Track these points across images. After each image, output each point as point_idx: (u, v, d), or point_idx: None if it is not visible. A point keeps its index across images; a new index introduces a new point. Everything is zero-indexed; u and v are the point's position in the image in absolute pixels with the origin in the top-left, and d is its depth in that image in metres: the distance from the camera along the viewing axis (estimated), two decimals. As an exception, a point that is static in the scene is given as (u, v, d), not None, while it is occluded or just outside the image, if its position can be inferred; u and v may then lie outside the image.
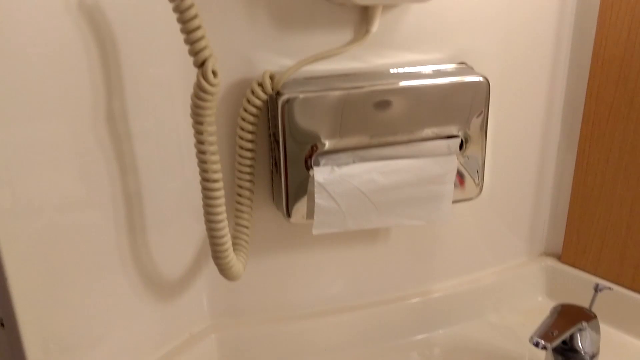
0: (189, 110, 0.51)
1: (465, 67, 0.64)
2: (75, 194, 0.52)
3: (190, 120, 0.51)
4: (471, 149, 0.63)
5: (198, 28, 0.46)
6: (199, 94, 0.48)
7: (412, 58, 0.64)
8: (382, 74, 0.62)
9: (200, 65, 0.47)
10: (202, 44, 0.47)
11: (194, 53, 0.47)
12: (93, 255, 0.55)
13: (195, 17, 0.46)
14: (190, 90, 0.50)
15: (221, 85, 0.51)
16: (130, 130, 0.55)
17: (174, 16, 0.46)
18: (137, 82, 0.54)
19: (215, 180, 0.51)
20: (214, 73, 0.48)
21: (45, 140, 0.49)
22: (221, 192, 0.52)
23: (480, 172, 0.65)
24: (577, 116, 0.73)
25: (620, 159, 0.70)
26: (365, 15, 0.59)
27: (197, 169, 0.52)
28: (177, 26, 0.47)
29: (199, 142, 0.50)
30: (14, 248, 0.48)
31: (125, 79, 0.53)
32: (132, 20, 0.52)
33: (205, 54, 0.47)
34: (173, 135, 0.58)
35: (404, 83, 0.59)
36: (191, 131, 0.51)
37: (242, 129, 0.58)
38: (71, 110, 0.50)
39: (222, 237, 0.53)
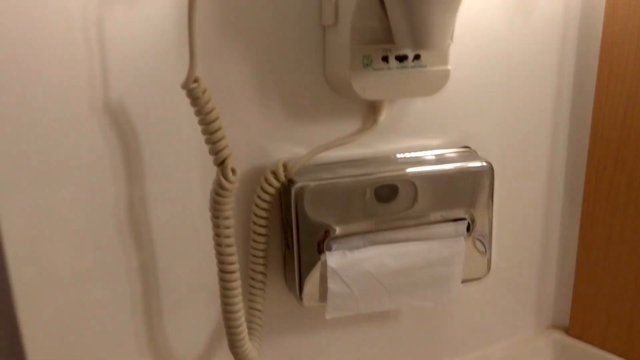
0: (205, 200, 0.54)
1: (469, 151, 0.67)
2: (94, 275, 0.54)
3: (207, 210, 0.53)
4: (478, 231, 0.65)
5: (219, 129, 0.49)
6: (218, 191, 0.50)
7: (418, 143, 0.66)
8: (389, 159, 0.64)
9: (220, 163, 0.50)
10: (222, 144, 0.49)
11: (214, 152, 0.50)
12: (110, 335, 0.56)
13: (216, 119, 0.49)
14: (207, 180, 0.52)
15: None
16: (149, 218, 0.57)
17: (193, 112, 0.49)
18: (157, 173, 0.56)
19: (232, 272, 0.53)
20: (233, 171, 0.50)
21: (67, 228, 0.51)
22: (237, 283, 0.54)
23: (488, 251, 0.66)
24: (578, 194, 0.75)
25: (623, 235, 0.72)
26: (372, 107, 0.62)
27: (213, 252, 0.54)
28: (197, 121, 0.50)
29: (217, 235, 0.52)
30: (35, 323, 0.49)
31: (145, 171, 0.56)
32: (153, 117, 0.54)
33: (225, 153, 0.49)
34: (189, 222, 0.60)
35: (410, 170, 0.62)
36: (208, 219, 0.54)
37: (256, 215, 0.60)
38: (92, 200, 0.53)
39: (239, 326, 0.54)
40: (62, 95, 0.50)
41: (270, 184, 0.59)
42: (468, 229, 0.64)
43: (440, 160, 0.65)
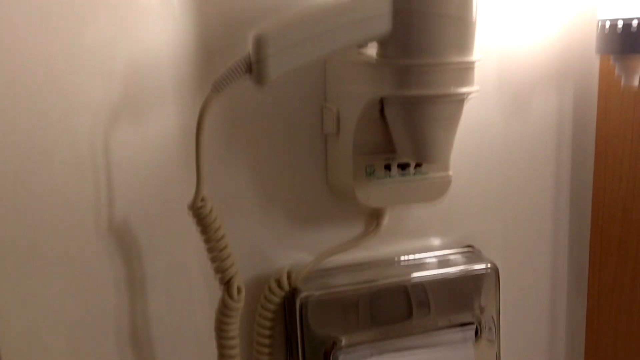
0: (210, 319, 0.52)
1: (473, 251, 0.67)
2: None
3: (211, 328, 0.52)
4: (486, 334, 0.64)
5: (224, 248, 0.48)
6: (224, 311, 0.49)
7: (421, 244, 0.66)
8: (392, 263, 0.64)
9: (226, 282, 0.49)
10: (227, 262, 0.49)
11: (220, 271, 0.49)
12: None
13: (222, 238, 0.48)
14: (212, 298, 0.51)
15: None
16: (151, 335, 0.56)
17: (199, 231, 0.49)
18: (160, 290, 0.55)
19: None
20: (239, 289, 0.49)
21: (67, 344, 0.49)
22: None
23: (497, 353, 0.65)
24: (583, 289, 0.74)
25: (630, 328, 0.71)
26: (375, 211, 0.62)
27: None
28: (202, 239, 0.49)
29: (221, 355, 0.51)
30: None
31: (148, 288, 0.54)
32: (158, 236, 0.54)
33: (231, 272, 0.49)
34: (193, 341, 0.58)
35: (415, 274, 0.61)
36: (212, 337, 0.52)
37: (260, 325, 0.59)
38: (94, 317, 0.51)
39: None
40: (67, 217, 0.50)
41: (274, 294, 0.58)
42: (476, 333, 0.63)
43: (444, 263, 0.64)
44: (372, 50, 0.50)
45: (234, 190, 0.58)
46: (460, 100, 0.50)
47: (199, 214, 0.47)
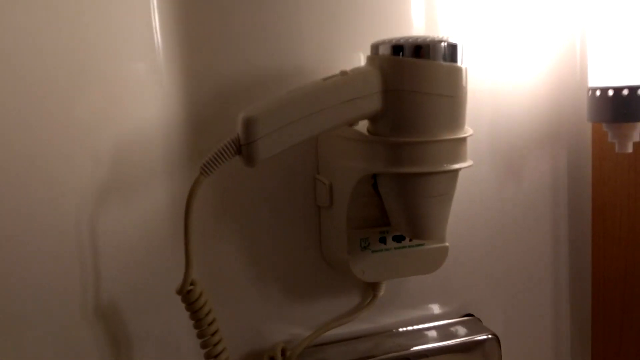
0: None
1: (472, 320, 0.65)
2: None
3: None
4: (489, 408, 0.61)
5: (215, 332, 0.47)
6: (216, 398, 0.47)
7: (420, 314, 0.65)
8: (391, 335, 0.62)
9: (217, 368, 0.47)
10: (218, 348, 0.47)
11: (212, 357, 0.47)
12: None
13: (212, 322, 0.47)
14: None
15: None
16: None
17: (188, 316, 0.47)
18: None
19: None
20: (231, 376, 0.47)
21: None
22: None
23: None
24: (586, 353, 0.72)
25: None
26: (370, 282, 0.61)
27: None
28: (192, 324, 0.48)
29: None
30: None
31: (137, 370, 0.53)
32: (146, 319, 0.52)
33: (222, 357, 0.47)
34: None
35: (415, 347, 0.60)
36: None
37: (254, 405, 0.56)
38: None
39: None
40: (53, 300, 0.48)
41: (268, 373, 0.56)
42: (479, 408, 0.61)
43: (444, 333, 0.62)
44: (363, 126, 0.50)
45: (225, 262, 0.56)
46: (453, 175, 0.49)
47: (187, 298, 0.46)
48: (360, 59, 0.57)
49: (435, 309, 0.65)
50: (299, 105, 0.45)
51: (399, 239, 0.56)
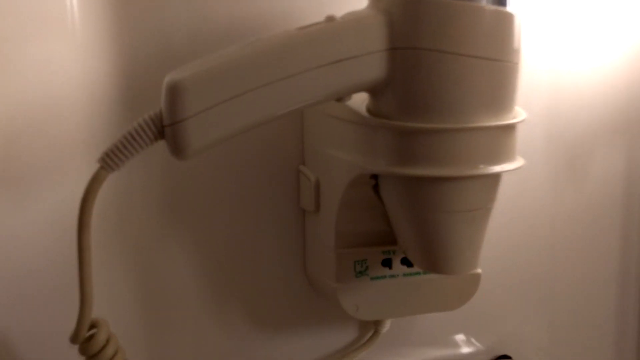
0: None
1: (508, 365, 0.49)
2: None
3: None
4: None
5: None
6: None
7: (439, 355, 0.49)
8: (398, 383, 0.47)
9: None
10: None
11: None
12: None
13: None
14: None
15: None
16: None
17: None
18: None
19: None
20: None
21: None
22: None
23: None
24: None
25: None
26: (372, 314, 0.45)
27: None
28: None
29: None
30: None
31: None
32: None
33: None
34: None
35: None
36: None
37: None
38: None
39: None
40: None
41: None
42: None
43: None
44: (360, 101, 0.34)
45: (172, 283, 0.42)
46: (494, 181, 0.33)
47: (87, 349, 0.31)
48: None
49: (461, 348, 0.50)
50: (258, 67, 0.29)
51: (409, 261, 0.40)
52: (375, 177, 0.35)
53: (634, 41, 0.49)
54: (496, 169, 0.31)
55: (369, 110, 0.33)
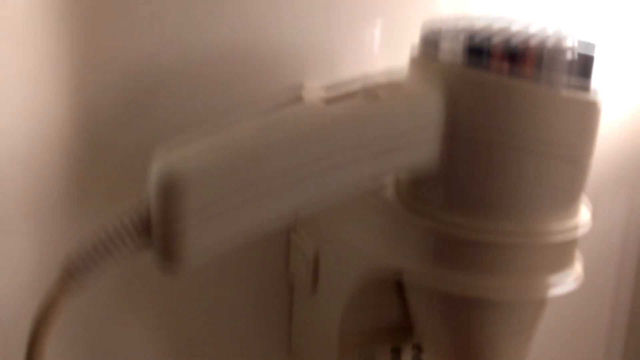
0: None
1: None
2: None
3: None
4: None
5: None
6: None
7: None
8: None
9: None
10: None
11: None
12: None
13: None
14: None
15: None
16: None
17: None
18: None
19: None
20: None
21: None
22: None
23: None
24: None
25: None
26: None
27: None
28: None
29: None
30: None
31: None
32: None
33: None
34: None
35: None
36: None
37: None
38: None
39: None
40: None
41: None
42: None
43: None
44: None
45: None
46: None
47: None
48: (374, 39, 0.34)
49: None
50: (283, 155, 0.22)
51: (421, 348, 0.34)
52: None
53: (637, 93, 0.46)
54: (559, 288, 0.25)
55: (400, 196, 0.27)
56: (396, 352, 0.34)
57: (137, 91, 0.32)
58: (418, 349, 0.34)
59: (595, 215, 0.47)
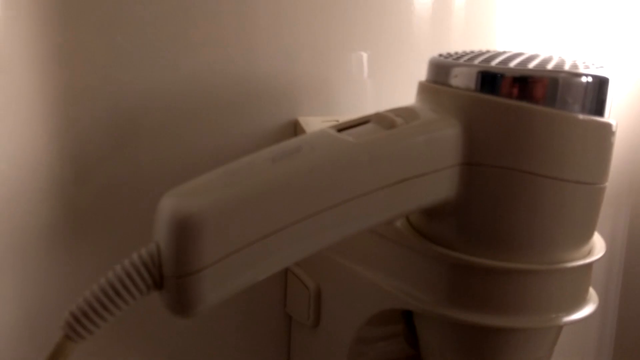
0: None
1: None
2: None
3: None
4: None
5: None
6: None
7: None
8: None
9: None
10: None
11: None
12: None
13: None
14: None
15: None
16: None
17: None
18: None
19: None
20: None
21: None
22: None
23: None
24: None
25: None
26: None
27: None
28: None
29: None
30: None
31: None
32: None
33: None
34: None
35: None
36: None
37: None
38: None
39: None
40: None
41: None
42: None
43: None
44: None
45: None
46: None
47: None
48: (363, 62, 0.34)
49: None
50: (300, 192, 0.21)
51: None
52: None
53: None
54: (575, 316, 0.25)
55: (412, 224, 0.26)
56: (404, 384, 0.32)
57: (123, 123, 0.30)
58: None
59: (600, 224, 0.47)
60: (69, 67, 0.28)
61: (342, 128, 0.23)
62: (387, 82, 0.36)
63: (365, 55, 0.35)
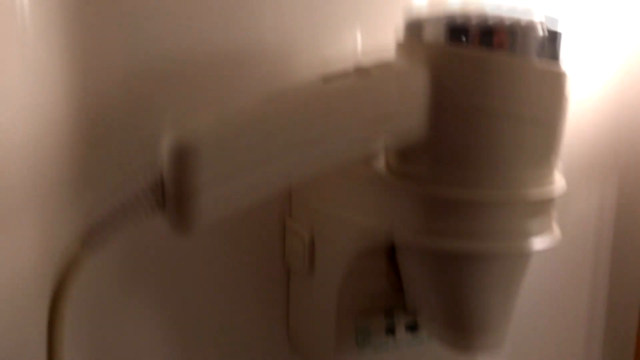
0: None
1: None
2: None
3: None
4: None
5: None
6: None
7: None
8: None
9: None
10: None
11: None
12: None
13: None
14: None
15: None
16: None
17: None
18: None
19: None
20: None
21: None
22: None
23: None
24: None
25: None
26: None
27: None
28: None
29: None
30: None
31: None
32: None
33: None
34: None
35: None
36: None
37: None
38: None
39: None
40: None
41: None
42: None
43: None
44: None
45: (142, 348, 0.35)
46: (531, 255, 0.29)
47: None
48: (357, 40, 0.37)
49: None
50: (286, 125, 0.24)
51: (413, 328, 0.36)
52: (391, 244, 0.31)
53: (602, 87, 0.49)
54: (539, 244, 0.28)
55: (389, 167, 0.29)
56: (390, 318, 0.35)
57: (136, 86, 0.33)
58: (412, 314, 0.35)
59: (569, 205, 0.50)
60: (87, 32, 0.31)
61: (328, 79, 0.26)
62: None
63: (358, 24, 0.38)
